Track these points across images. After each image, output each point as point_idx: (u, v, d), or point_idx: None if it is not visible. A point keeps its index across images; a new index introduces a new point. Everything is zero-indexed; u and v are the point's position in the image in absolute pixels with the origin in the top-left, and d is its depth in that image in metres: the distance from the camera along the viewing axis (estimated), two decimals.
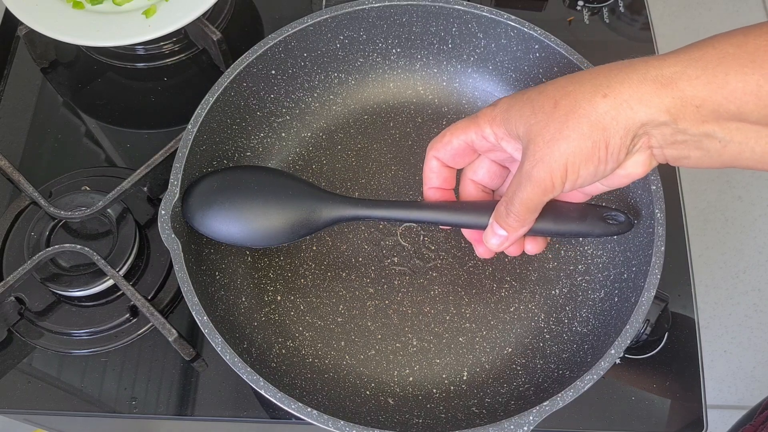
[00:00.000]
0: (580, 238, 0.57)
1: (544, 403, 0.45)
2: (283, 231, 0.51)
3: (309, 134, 0.62)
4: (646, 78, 0.36)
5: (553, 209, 0.47)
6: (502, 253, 0.57)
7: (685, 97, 0.36)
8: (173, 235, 0.49)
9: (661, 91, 0.36)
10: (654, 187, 0.51)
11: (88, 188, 0.61)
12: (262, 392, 0.45)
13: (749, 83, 0.35)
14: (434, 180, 0.49)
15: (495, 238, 0.46)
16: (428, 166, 0.49)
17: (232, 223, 0.51)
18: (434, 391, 0.53)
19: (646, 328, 0.54)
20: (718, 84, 0.35)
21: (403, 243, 0.58)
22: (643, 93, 0.36)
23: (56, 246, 0.57)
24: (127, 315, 0.58)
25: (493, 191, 0.50)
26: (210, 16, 0.71)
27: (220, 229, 0.51)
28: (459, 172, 0.50)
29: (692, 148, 0.38)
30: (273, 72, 0.58)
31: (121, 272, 0.57)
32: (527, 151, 0.40)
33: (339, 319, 0.55)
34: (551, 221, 0.47)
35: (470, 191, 0.49)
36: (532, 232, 0.47)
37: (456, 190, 0.51)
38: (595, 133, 0.38)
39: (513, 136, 0.42)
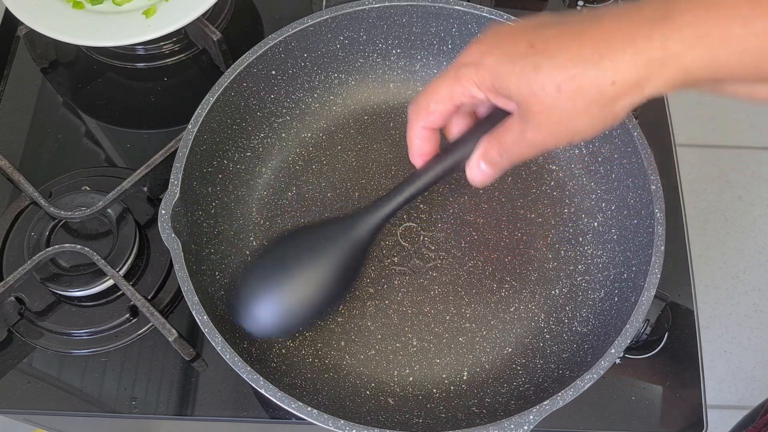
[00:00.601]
0: (579, 240, 0.57)
1: (544, 403, 0.45)
2: (347, 278, 0.51)
3: (309, 134, 0.62)
4: (652, 60, 0.36)
5: None
6: (502, 253, 0.57)
7: (688, 76, 0.36)
8: (173, 235, 0.49)
9: (666, 71, 0.36)
10: (654, 187, 0.51)
11: (88, 188, 0.61)
12: (263, 391, 0.45)
13: (748, 66, 0.35)
14: (425, 147, 0.48)
15: (481, 175, 0.46)
16: (417, 136, 0.47)
17: (300, 311, 0.50)
18: (434, 391, 0.53)
19: (646, 328, 0.54)
20: (718, 68, 0.35)
21: (403, 243, 0.58)
22: (650, 75, 0.36)
23: (56, 246, 0.57)
24: (127, 315, 0.58)
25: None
26: (210, 16, 0.71)
27: (294, 320, 0.50)
28: None
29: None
30: (273, 72, 0.58)
31: (121, 272, 0.57)
32: (530, 121, 0.40)
33: (339, 319, 0.55)
34: None
35: (457, 126, 0.48)
36: None
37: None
38: (605, 113, 0.38)
39: (504, 96, 0.41)
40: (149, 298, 0.58)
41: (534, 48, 0.38)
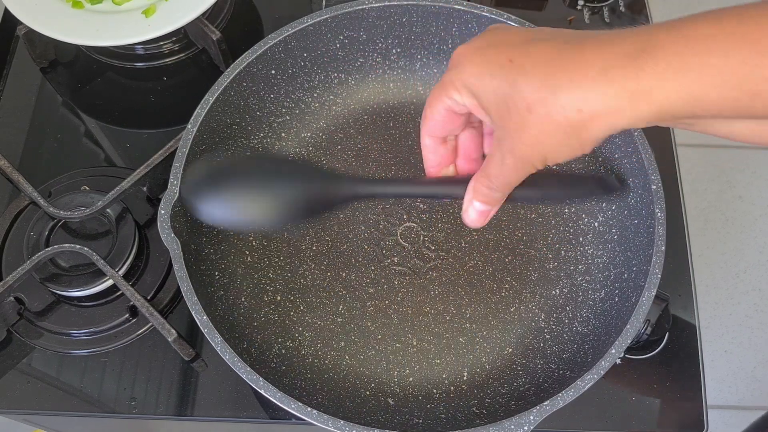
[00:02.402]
0: (579, 240, 0.57)
1: (545, 403, 0.44)
2: (296, 208, 0.48)
3: (309, 134, 0.62)
4: (623, 91, 0.36)
5: (544, 177, 0.47)
6: (503, 253, 0.57)
7: (663, 110, 0.36)
8: (173, 235, 0.49)
9: (639, 105, 0.36)
10: (654, 187, 0.50)
11: (87, 188, 0.61)
12: (262, 392, 0.45)
13: (728, 100, 0.34)
14: (432, 159, 0.48)
15: (476, 214, 0.46)
16: (423, 146, 0.48)
17: (237, 199, 0.47)
18: (434, 391, 0.53)
19: (646, 328, 0.54)
20: (695, 102, 0.35)
21: (403, 243, 0.58)
22: (621, 108, 0.36)
23: (55, 246, 0.57)
24: (127, 315, 0.58)
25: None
26: (209, 15, 0.70)
27: (226, 209, 0.47)
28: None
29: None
30: (273, 72, 0.58)
31: (121, 272, 0.57)
32: (504, 143, 0.40)
33: (339, 319, 0.55)
34: (541, 189, 0.47)
35: (466, 141, 0.49)
36: (524, 200, 0.48)
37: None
38: (573, 140, 0.38)
39: (483, 108, 0.42)
40: (149, 298, 0.58)
41: (512, 63, 0.39)
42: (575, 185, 0.48)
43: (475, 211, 0.46)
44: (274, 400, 0.45)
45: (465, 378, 0.54)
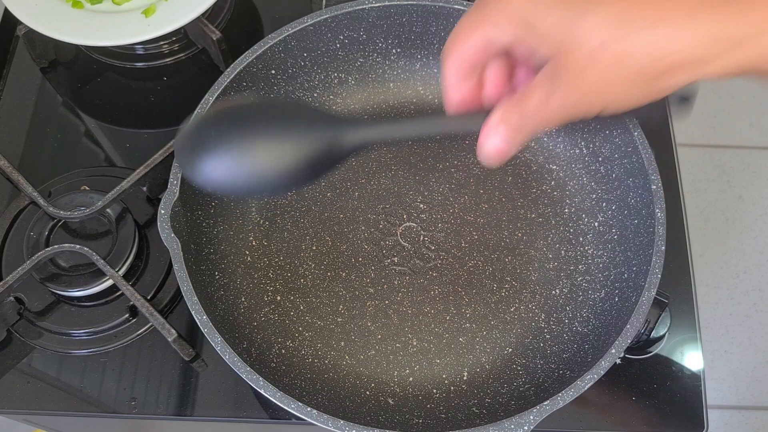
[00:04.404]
0: (579, 240, 0.57)
1: (545, 403, 0.44)
2: (302, 169, 0.41)
3: None
4: (711, 39, 0.30)
5: None
6: (503, 253, 0.57)
7: (754, 65, 0.31)
8: (173, 235, 0.49)
9: (727, 56, 0.31)
10: (654, 187, 0.50)
11: (87, 188, 0.61)
12: (262, 392, 0.45)
13: None
14: (455, 96, 0.41)
15: (499, 142, 0.38)
16: (446, 84, 0.40)
17: (245, 167, 0.40)
18: (434, 391, 0.53)
19: (646, 328, 0.54)
20: None
21: (403, 243, 0.58)
22: (706, 58, 0.31)
23: (55, 246, 0.57)
24: (127, 315, 0.58)
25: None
26: (209, 15, 0.70)
27: (231, 178, 0.40)
28: None
29: None
30: (273, 72, 0.58)
31: (121, 272, 0.57)
32: (561, 79, 0.34)
33: (339, 319, 0.55)
34: None
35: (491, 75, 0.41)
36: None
37: None
38: (642, 90, 0.33)
39: (538, 38, 0.35)
40: (148, 298, 0.58)
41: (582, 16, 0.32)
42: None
43: (496, 142, 0.38)
44: (274, 400, 0.45)
45: (465, 378, 0.54)
